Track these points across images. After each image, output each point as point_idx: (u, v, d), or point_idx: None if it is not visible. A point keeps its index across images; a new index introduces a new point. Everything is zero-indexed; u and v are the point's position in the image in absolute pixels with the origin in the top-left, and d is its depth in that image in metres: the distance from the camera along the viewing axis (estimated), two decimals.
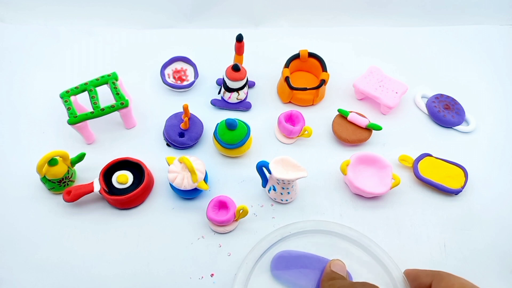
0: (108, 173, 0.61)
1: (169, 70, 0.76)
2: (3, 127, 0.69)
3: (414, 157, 0.66)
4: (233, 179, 0.64)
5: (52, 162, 0.58)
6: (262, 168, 0.59)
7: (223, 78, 0.69)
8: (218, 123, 0.64)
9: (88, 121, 0.63)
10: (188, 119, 0.65)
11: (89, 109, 0.64)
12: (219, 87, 0.73)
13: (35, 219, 0.59)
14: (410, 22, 0.88)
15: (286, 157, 0.57)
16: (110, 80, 0.65)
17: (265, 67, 0.77)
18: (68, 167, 0.60)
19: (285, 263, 0.53)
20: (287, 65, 0.73)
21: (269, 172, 0.58)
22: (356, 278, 0.51)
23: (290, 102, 0.73)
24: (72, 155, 0.61)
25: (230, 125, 0.61)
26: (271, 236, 0.53)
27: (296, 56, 0.74)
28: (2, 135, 0.68)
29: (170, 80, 0.75)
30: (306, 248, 0.53)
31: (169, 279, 0.55)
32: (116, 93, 0.64)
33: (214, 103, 0.72)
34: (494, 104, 0.76)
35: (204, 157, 0.66)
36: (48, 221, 0.59)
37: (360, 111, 0.71)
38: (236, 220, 0.59)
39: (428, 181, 0.63)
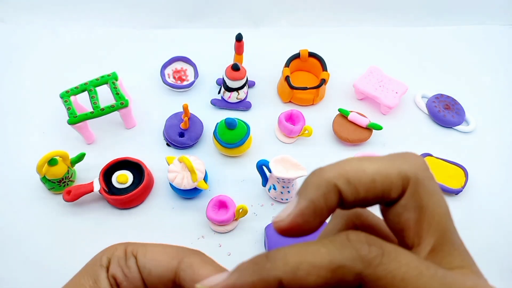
0: (108, 173, 0.61)
1: (169, 70, 0.76)
2: (3, 127, 0.69)
3: None
4: (233, 179, 0.64)
5: (52, 162, 0.58)
6: (262, 167, 0.59)
7: (223, 78, 0.69)
8: (218, 123, 0.64)
9: (88, 121, 0.63)
10: (188, 119, 0.65)
11: (89, 109, 0.64)
12: (219, 87, 0.73)
13: (35, 219, 0.59)
14: (410, 22, 0.88)
15: (286, 156, 0.57)
16: (110, 80, 0.65)
17: (265, 67, 0.77)
18: (68, 167, 0.60)
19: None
20: (287, 64, 0.73)
21: (269, 171, 0.58)
22: None
23: (290, 101, 0.73)
24: (72, 155, 0.61)
25: (230, 124, 0.61)
26: None
27: (296, 56, 0.74)
28: (2, 135, 0.68)
29: (170, 80, 0.75)
30: None
31: None
32: (116, 93, 0.64)
33: (214, 103, 0.72)
34: (494, 104, 0.76)
35: (204, 157, 0.65)
36: (48, 221, 0.59)
37: (360, 111, 0.71)
38: (236, 220, 0.59)
39: None
